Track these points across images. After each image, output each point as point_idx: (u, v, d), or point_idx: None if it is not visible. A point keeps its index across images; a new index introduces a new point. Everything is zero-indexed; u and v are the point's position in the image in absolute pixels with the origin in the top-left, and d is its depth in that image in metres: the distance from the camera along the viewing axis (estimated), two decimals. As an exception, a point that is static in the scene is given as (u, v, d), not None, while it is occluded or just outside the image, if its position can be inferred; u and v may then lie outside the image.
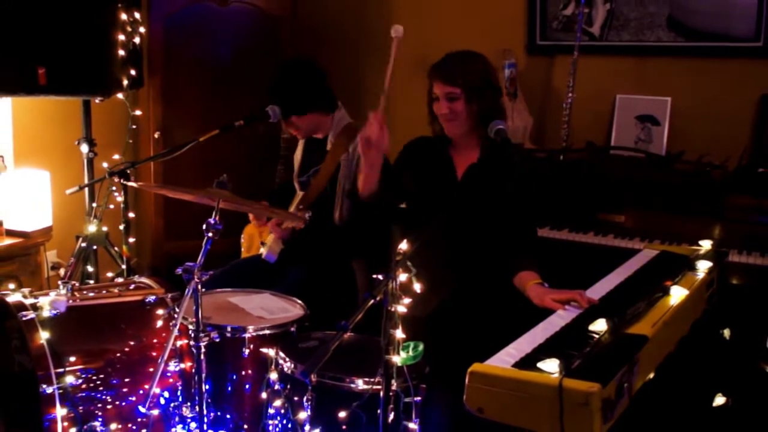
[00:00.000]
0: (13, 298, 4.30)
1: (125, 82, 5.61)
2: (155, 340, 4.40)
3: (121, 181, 5.07)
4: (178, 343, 4.31)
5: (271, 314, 4.39)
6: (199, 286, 3.85)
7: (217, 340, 4.08)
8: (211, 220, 3.87)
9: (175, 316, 4.03)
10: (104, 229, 5.78)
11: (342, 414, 3.60)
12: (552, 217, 5.66)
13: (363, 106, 6.41)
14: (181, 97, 6.63)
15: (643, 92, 6.04)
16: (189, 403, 4.30)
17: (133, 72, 5.67)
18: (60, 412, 4.02)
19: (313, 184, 5.27)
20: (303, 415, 3.70)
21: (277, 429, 3.93)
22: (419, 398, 3.63)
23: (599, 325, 3.32)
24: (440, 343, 3.86)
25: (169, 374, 4.37)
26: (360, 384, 3.59)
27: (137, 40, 5.72)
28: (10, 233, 5.55)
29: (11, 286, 5.36)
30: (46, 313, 4.19)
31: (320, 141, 5.40)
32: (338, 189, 5.26)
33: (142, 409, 4.22)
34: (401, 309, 3.17)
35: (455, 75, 4.42)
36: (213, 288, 4.78)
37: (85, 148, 5.72)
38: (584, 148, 5.96)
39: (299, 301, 4.56)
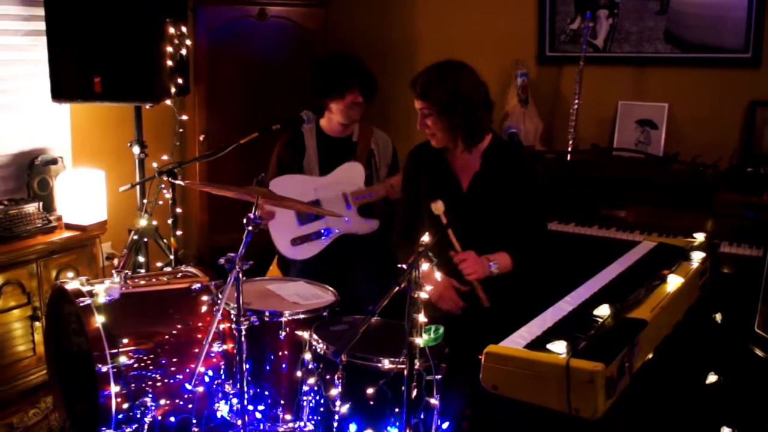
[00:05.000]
0: (72, 285, 4.33)
1: (173, 90, 5.61)
2: (200, 324, 4.42)
3: (170, 179, 5.08)
4: (221, 326, 4.31)
5: (305, 300, 4.39)
6: (240, 275, 3.86)
7: (257, 323, 4.08)
8: (251, 215, 3.88)
9: (218, 302, 4.04)
10: (154, 223, 5.78)
11: (369, 390, 3.61)
12: (559, 212, 5.65)
13: (387, 113, 6.41)
14: (223, 104, 6.63)
15: (642, 99, 6.02)
16: (231, 381, 4.31)
17: (180, 80, 5.67)
18: (114, 388, 4.05)
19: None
20: (334, 391, 3.71)
21: (311, 404, 3.93)
22: (440, 376, 3.64)
23: (603, 310, 3.31)
24: (459, 327, 3.87)
25: (212, 355, 4.38)
26: (386, 363, 3.60)
27: (184, 51, 5.72)
28: (69, 227, 5.57)
29: (70, 274, 5.38)
30: (101, 299, 4.22)
31: (341, 139, 5.45)
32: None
33: (189, 386, 4.25)
34: (423, 295, 3.18)
35: (424, 90, 4.24)
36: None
37: (136, 149, 5.73)
38: (589, 150, 5.95)
39: (331, 288, 4.57)
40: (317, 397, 3.88)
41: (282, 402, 4.22)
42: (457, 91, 4.18)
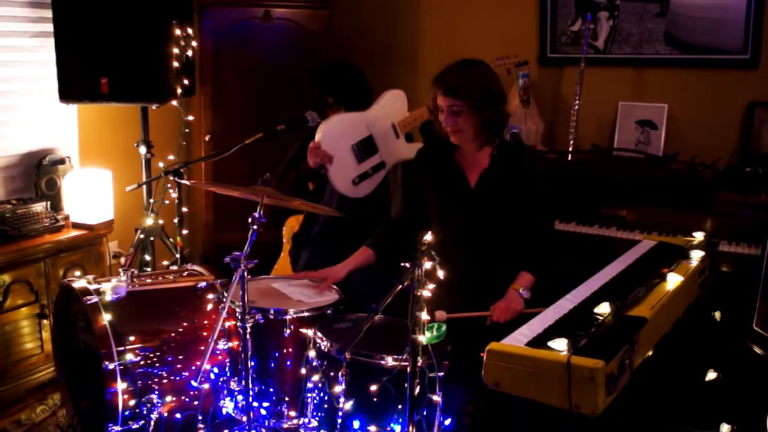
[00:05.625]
0: (79, 284, 4.32)
1: (179, 91, 5.62)
2: (206, 322, 4.42)
3: (176, 179, 5.10)
4: (227, 324, 4.33)
5: (309, 298, 4.39)
6: (245, 273, 3.87)
7: (261, 321, 4.09)
8: (256, 214, 3.88)
9: (224, 300, 4.05)
10: (160, 222, 5.79)
11: (373, 387, 3.61)
12: (561, 212, 5.64)
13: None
14: (228, 104, 6.63)
15: (642, 100, 6.03)
16: (236, 378, 4.32)
17: (186, 81, 5.68)
18: (121, 386, 4.05)
19: None
20: (338, 388, 3.71)
21: (315, 401, 3.94)
22: (442, 373, 3.65)
23: (603, 308, 3.31)
24: (461, 325, 3.87)
25: (218, 352, 4.39)
26: (389, 361, 3.60)
27: (190, 52, 5.72)
28: (76, 226, 5.57)
29: (77, 273, 5.39)
30: (108, 297, 4.21)
31: None
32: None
33: (194, 383, 4.25)
34: (426, 294, 3.18)
35: (458, 88, 4.22)
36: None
37: (143, 149, 5.74)
38: (590, 150, 5.94)
39: (335, 287, 4.57)
40: (321, 394, 3.88)
41: (286, 399, 4.23)
42: (488, 88, 4.25)
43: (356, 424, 3.70)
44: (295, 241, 5.62)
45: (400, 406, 3.62)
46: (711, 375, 4.61)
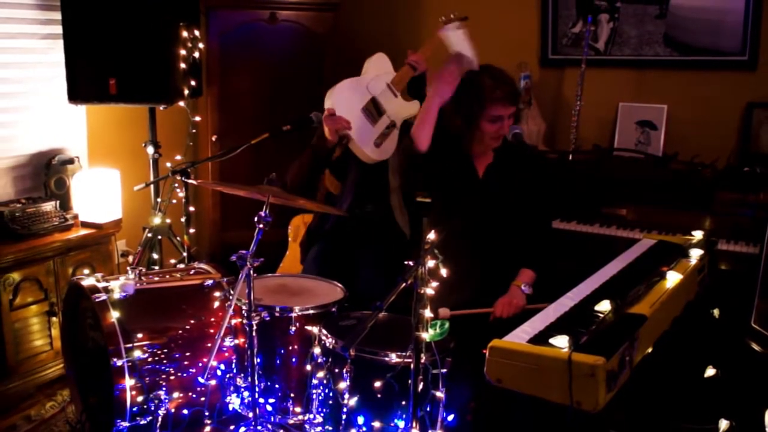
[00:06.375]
0: (88, 282, 4.34)
1: (186, 92, 5.62)
2: (212, 319, 4.43)
3: (183, 178, 5.10)
4: (233, 321, 4.33)
5: (314, 296, 4.41)
6: (251, 271, 3.87)
7: (267, 318, 4.10)
8: (262, 213, 3.89)
9: (230, 297, 4.05)
10: (168, 221, 5.79)
11: (377, 384, 3.63)
12: (562, 211, 5.64)
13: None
14: (235, 105, 6.64)
15: (642, 100, 6.02)
16: (242, 375, 4.33)
17: (193, 82, 5.68)
18: (129, 382, 4.06)
19: None
20: (343, 384, 3.73)
21: (320, 397, 3.95)
22: (445, 370, 3.65)
23: (604, 306, 3.31)
24: (464, 323, 3.88)
25: (224, 349, 4.39)
26: (393, 357, 3.62)
27: (197, 54, 5.73)
28: (85, 225, 5.57)
29: (86, 271, 5.39)
30: (116, 295, 4.22)
31: None
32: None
33: (201, 380, 4.26)
34: (429, 291, 3.19)
35: (516, 95, 4.41)
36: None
37: (150, 149, 5.74)
38: (591, 150, 5.94)
39: (339, 284, 4.58)
40: (326, 390, 3.89)
41: (292, 395, 4.24)
42: None
43: (360, 419, 3.71)
44: (309, 234, 5.62)
45: (403, 402, 3.63)
46: (710, 371, 4.61)
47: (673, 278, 3.75)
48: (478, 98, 4.35)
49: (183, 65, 5.56)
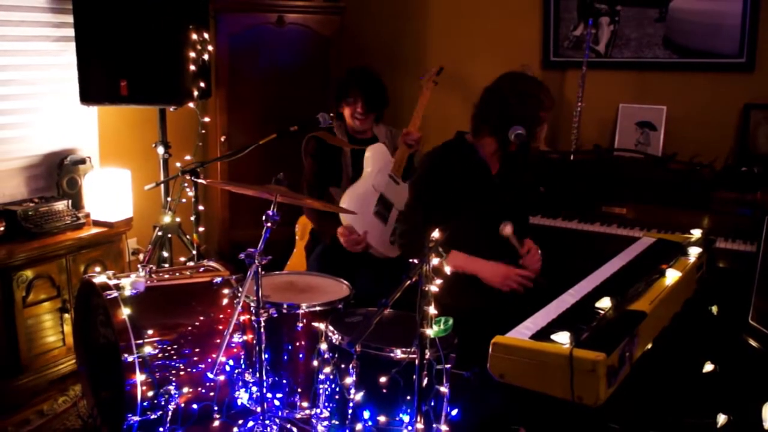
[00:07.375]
0: (99, 279, 4.34)
1: (195, 93, 5.62)
2: (221, 316, 4.43)
3: (192, 178, 5.10)
4: (241, 318, 4.33)
5: (321, 293, 4.41)
6: (259, 269, 3.88)
7: (275, 315, 4.09)
8: (270, 212, 3.89)
9: (239, 294, 4.05)
10: (177, 219, 5.79)
11: (383, 379, 3.62)
12: (563, 210, 5.66)
13: (398, 116, 6.40)
14: (243, 106, 6.64)
15: (642, 102, 6.02)
16: (250, 370, 4.33)
17: (202, 84, 5.68)
18: (139, 377, 4.06)
19: None
20: (349, 380, 3.72)
21: (327, 392, 3.95)
22: (449, 365, 3.66)
23: (604, 303, 3.32)
24: (468, 319, 3.88)
25: (233, 345, 4.40)
26: (398, 353, 3.61)
27: (206, 56, 5.73)
28: (97, 223, 5.58)
29: (97, 269, 5.40)
30: (127, 292, 4.22)
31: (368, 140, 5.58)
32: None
33: (210, 375, 4.26)
34: (434, 288, 3.19)
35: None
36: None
37: (161, 149, 5.74)
38: (591, 150, 5.95)
39: (345, 282, 4.58)
40: (333, 386, 3.89)
41: (299, 390, 4.24)
42: None
43: (366, 414, 3.71)
44: (312, 237, 5.64)
45: (408, 397, 3.63)
46: (708, 367, 4.61)
47: (672, 276, 3.75)
48: (537, 107, 4.39)
49: (192, 67, 5.56)
